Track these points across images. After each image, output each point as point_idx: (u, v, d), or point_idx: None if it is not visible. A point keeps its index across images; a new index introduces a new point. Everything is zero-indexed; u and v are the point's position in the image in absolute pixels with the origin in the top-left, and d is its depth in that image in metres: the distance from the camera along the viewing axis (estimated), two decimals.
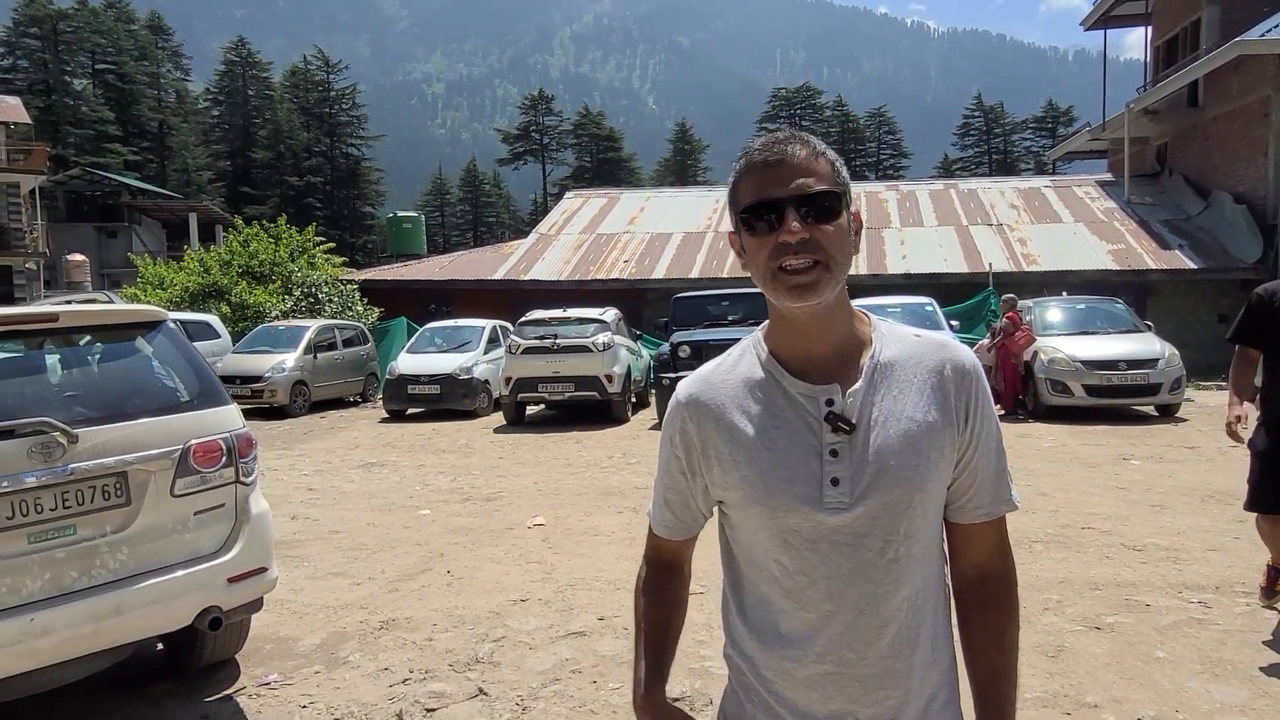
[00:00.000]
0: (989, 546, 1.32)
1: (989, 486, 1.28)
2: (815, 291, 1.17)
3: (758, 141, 1.25)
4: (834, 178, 1.21)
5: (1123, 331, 12.27)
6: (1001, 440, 1.30)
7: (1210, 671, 3.63)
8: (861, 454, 1.20)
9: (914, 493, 1.21)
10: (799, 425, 1.22)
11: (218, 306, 17.25)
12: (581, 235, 22.92)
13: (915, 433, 1.21)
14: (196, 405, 3.72)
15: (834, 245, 1.18)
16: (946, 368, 1.25)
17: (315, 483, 8.79)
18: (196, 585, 3.51)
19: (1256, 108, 18.66)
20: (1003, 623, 1.31)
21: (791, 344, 1.26)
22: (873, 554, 1.20)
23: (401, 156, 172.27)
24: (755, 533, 1.25)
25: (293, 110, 57.64)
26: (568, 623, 4.53)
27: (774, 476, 1.21)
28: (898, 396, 1.23)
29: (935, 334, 1.31)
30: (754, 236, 1.21)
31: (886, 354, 1.25)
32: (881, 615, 1.21)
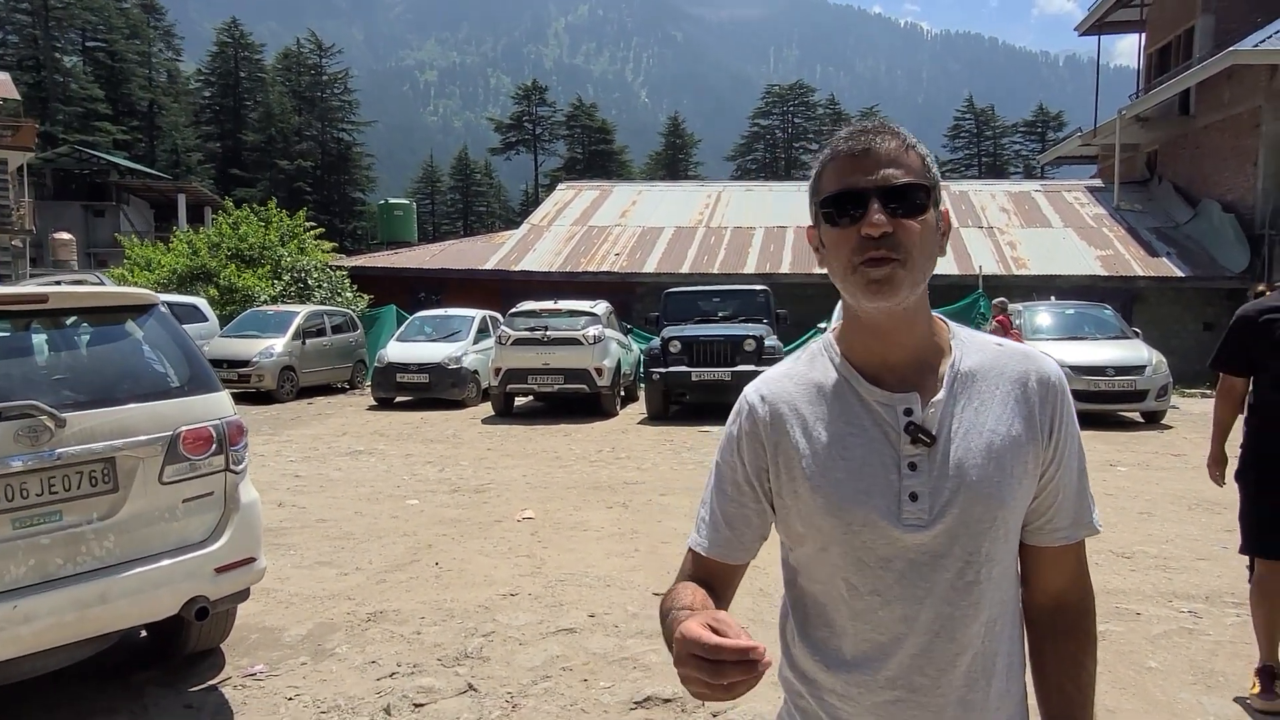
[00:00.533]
0: (1067, 572, 1.25)
1: (1070, 508, 1.21)
2: (894, 290, 1.10)
3: (844, 130, 1.17)
4: (924, 172, 1.14)
5: (1111, 338, 12.33)
6: (1084, 460, 1.24)
7: (1203, 683, 3.64)
8: (942, 468, 1.13)
9: (997, 510, 1.13)
10: (876, 434, 1.15)
11: (205, 289, 17.10)
12: (573, 227, 22.84)
13: (999, 446, 1.14)
14: (187, 391, 3.66)
15: (917, 243, 1.11)
16: (1031, 379, 1.18)
17: (302, 470, 8.72)
18: (183, 574, 3.45)
19: (1247, 118, 18.78)
20: (1080, 655, 1.24)
21: (867, 347, 1.18)
22: (951, 575, 1.13)
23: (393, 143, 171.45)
24: (825, 549, 1.17)
25: (284, 93, 57.17)
26: (558, 619, 4.49)
27: (850, 488, 1.14)
28: (979, 408, 1.16)
29: (1018, 344, 1.24)
30: (834, 229, 1.13)
31: (968, 363, 1.18)
32: (958, 641, 1.14)
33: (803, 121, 67.13)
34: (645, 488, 7.76)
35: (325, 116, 58.08)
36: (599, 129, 62.52)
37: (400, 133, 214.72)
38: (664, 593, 1.23)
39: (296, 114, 56.73)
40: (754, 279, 17.81)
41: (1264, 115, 18.08)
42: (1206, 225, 19.62)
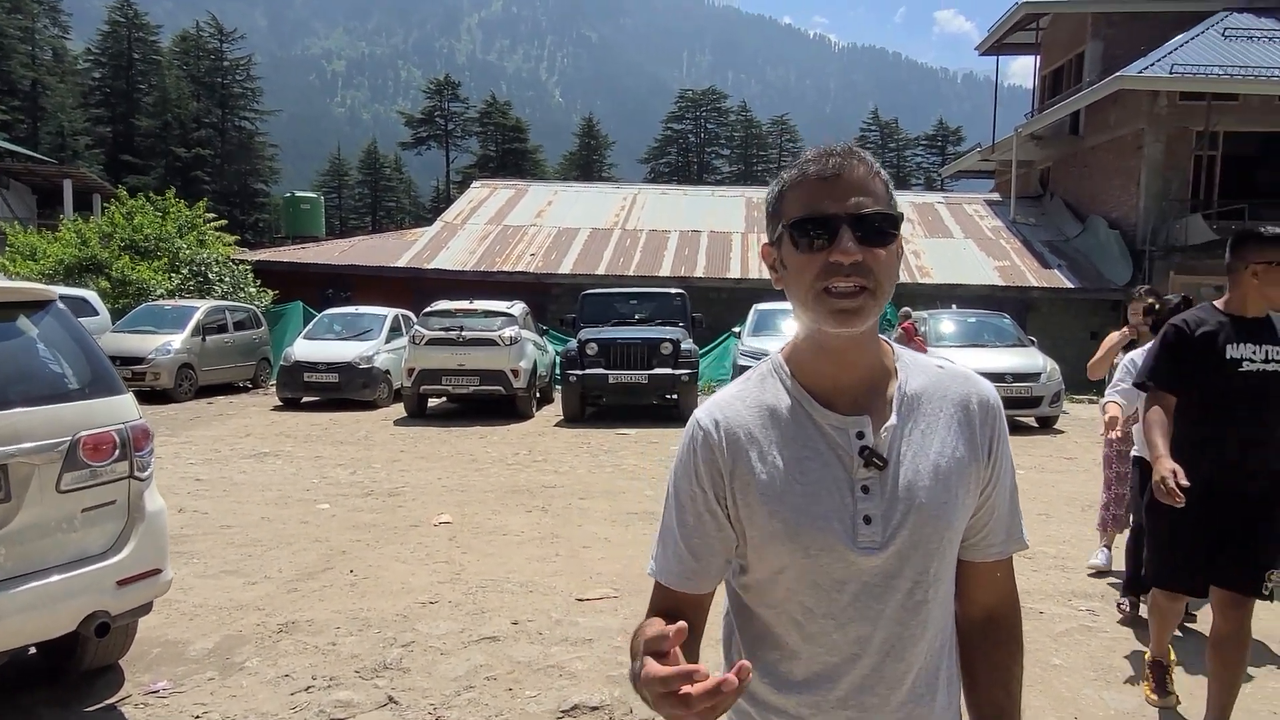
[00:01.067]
0: (999, 586, 1.28)
1: (1004, 524, 1.25)
2: (861, 318, 1.10)
3: (811, 152, 1.16)
4: (889, 199, 1.14)
5: (1009, 345, 12.90)
6: (1015, 477, 1.27)
7: (1103, 679, 3.83)
8: (892, 491, 1.14)
9: (944, 531, 1.16)
10: (830, 458, 1.15)
11: (96, 282, 16.17)
12: (488, 226, 22.55)
13: (945, 468, 1.16)
14: (87, 394, 3.45)
15: (884, 271, 1.11)
16: (972, 401, 1.21)
17: (203, 473, 8.35)
18: (82, 588, 3.26)
19: (1131, 140, 19.93)
20: (1010, 664, 1.28)
21: (820, 370, 1.18)
22: (902, 595, 1.15)
23: (298, 133, 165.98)
24: (780, 572, 1.16)
25: (182, 78, 54.54)
26: (480, 627, 4.42)
27: (808, 513, 1.13)
28: (926, 431, 1.18)
29: (958, 366, 1.26)
30: (800, 253, 1.12)
31: (913, 385, 1.20)
32: (907, 660, 1.16)
33: (715, 127, 67.97)
34: (564, 491, 7.72)
35: (226, 104, 55.71)
36: (513, 127, 61.88)
37: (305, 123, 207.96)
38: (634, 630, 1.19)
39: (195, 100, 54.19)
40: (669, 282, 17.93)
41: (1146, 138, 19.22)
42: (1094, 240, 20.73)
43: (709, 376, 15.80)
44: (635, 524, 6.58)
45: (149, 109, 52.42)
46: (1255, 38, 19.44)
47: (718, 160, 67.87)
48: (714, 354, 16.91)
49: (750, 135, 67.26)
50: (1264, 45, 19.16)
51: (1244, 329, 3.05)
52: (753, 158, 66.98)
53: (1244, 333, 3.05)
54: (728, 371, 15.09)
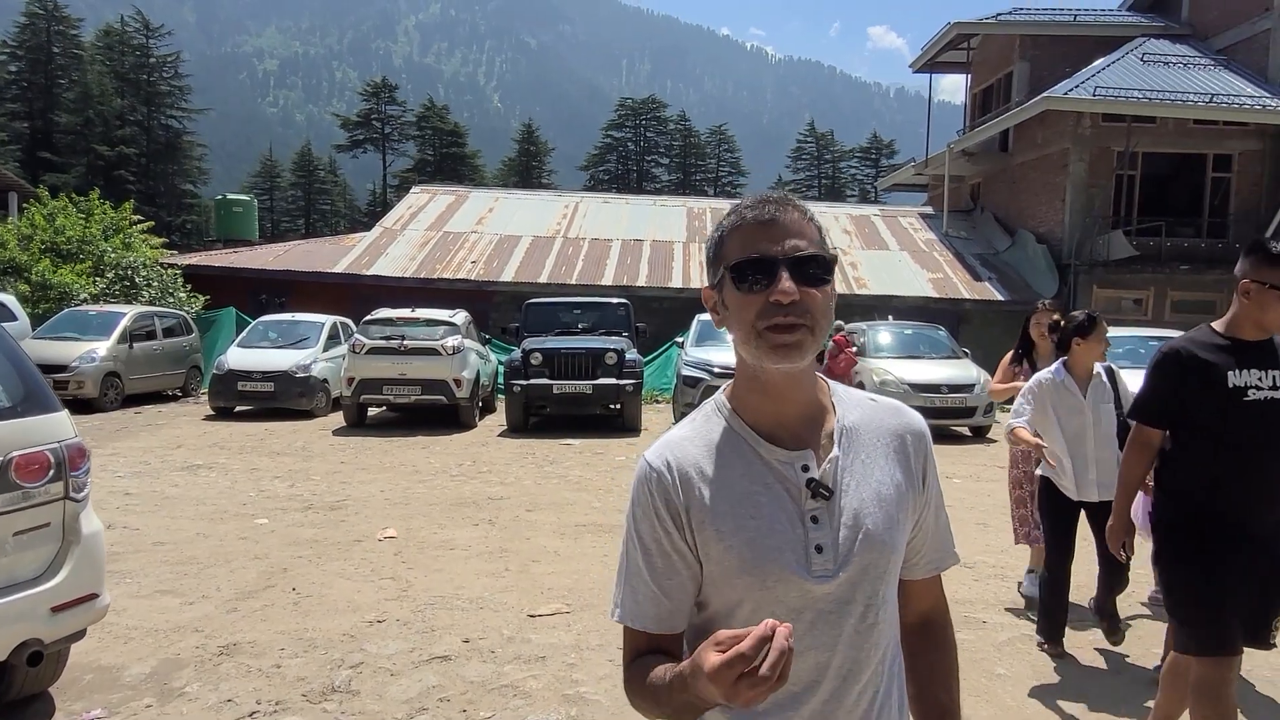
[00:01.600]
0: (932, 598, 1.38)
1: (935, 543, 1.34)
2: (800, 353, 1.16)
3: (748, 199, 1.23)
4: (822, 243, 1.22)
5: (944, 357, 13.23)
6: (943, 499, 1.37)
7: (1047, 688, 3.95)
8: (840, 519, 1.20)
9: (890, 555, 1.23)
10: (779, 491, 1.21)
11: (15, 285, 15.47)
12: (428, 232, 22.26)
13: (886, 495, 1.24)
14: (19, 412, 3.30)
15: (820, 310, 1.17)
16: (906, 433, 1.29)
17: (132, 486, 8.05)
18: (14, 616, 3.11)
19: (1057, 158, 20.67)
20: (947, 663, 1.37)
21: (760, 407, 1.24)
22: (855, 619, 1.20)
23: (227, 134, 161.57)
24: (738, 604, 1.20)
25: (105, 73, 52.57)
26: (430, 646, 4.35)
27: (763, 545, 1.18)
28: (866, 461, 1.25)
29: (887, 399, 1.34)
30: (741, 293, 1.18)
31: (850, 419, 1.27)
32: (862, 680, 1.21)
33: (655, 136, 68.22)
34: (511, 503, 7.65)
35: (152, 101, 53.85)
36: (451, 131, 61.18)
37: (236, 123, 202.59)
38: (632, 679, 1.21)
39: (119, 96, 52.28)
40: (612, 291, 17.94)
41: (1071, 156, 19.95)
42: (1022, 254, 21.42)
43: (652, 386, 15.84)
44: (584, 536, 6.55)
45: (70, 105, 50.39)
46: (1171, 63, 20.36)
47: (657, 169, 68.12)
48: (657, 363, 16.96)
49: (689, 145, 67.70)
50: (1179, 70, 20.07)
51: (1246, 353, 2.75)
52: (692, 167, 67.44)
53: (1247, 358, 2.75)
54: (670, 381, 15.15)
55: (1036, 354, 5.26)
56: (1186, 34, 22.06)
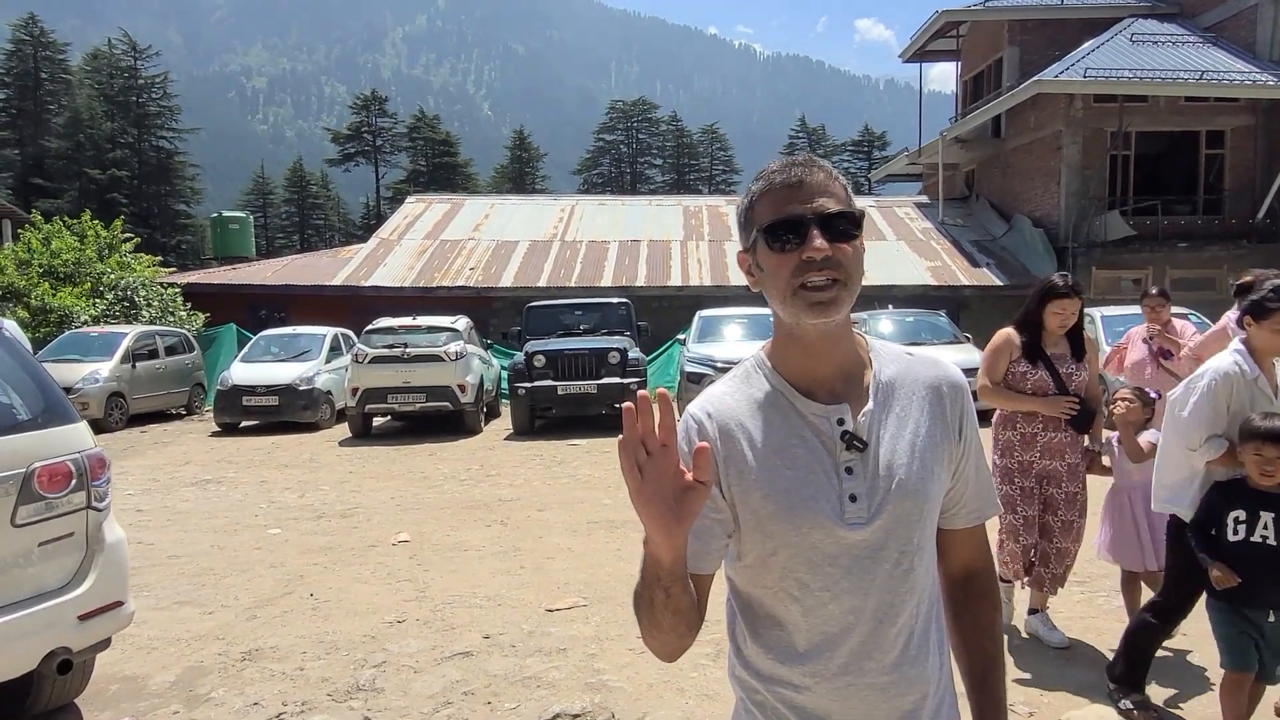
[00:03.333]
0: (975, 546, 1.40)
1: (977, 493, 1.37)
2: (835, 308, 1.21)
3: (775, 164, 1.27)
4: (849, 200, 1.26)
5: (946, 343, 13.24)
6: (983, 450, 1.39)
7: (1063, 656, 3.98)
8: (874, 470, 1.24)
9: (923, 504, 1.26)
10: (815, 444, 1.25)
11: (15, 310, 15.51)
12: (425, 241, 22.30)
13: (921, 446, 1.27)
14: (40, 424, 3.34)
15: (852, 264, 1.22)
16: (943, 385, 1.32)
17: (144, 503, 8.08)
18: (43, 625, 3.14)
19: (1050, 141, 20.71)
20: (991, 613, 1.40)
21: (798, 363, 1.29)
22: (889, 565, 1.24)
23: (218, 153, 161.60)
24: (774, 552, 1.25)
25: (94, 97, 52.64)
26: (451, 643, 4.37)
27: (799, 494, 1.23)
28: (901, 414, 1.28)
29: (926, 352, 1.38)
30: (775, 254, 1.23)
31: (887, 373, 1.30)
32: (898, 624, 1.25)
33: (647, 137, 68.32)
34: (521, 504, 7.68)
35: (141, 123, 53.89)
36: (442, 141, 61.25)
37: (227, 141, 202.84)
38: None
39: (108, 119, 52.33)
40: (611, 291, 17.98)
41: (1064, 139, 19.99)
42: (1019, 238, 21.46)
43: (655, 384, 15.85)
44: (597, 533, 6.58)
45: (59, 130, 50.45)
46: (1160, 42, 20.41)
47: (651, 170, 68.21)
48: (659, 362, 16.99)
49: (682, 145, 67.79)
50: (1168, 49, 20.12)
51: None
52: (685, 167, 67.51)
53: None
54: (674, 378, 15.17)
55: (1045, 339, 4.03)
56: (1174, 13, 22.12)
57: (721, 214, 24.43)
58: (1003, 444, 4.10)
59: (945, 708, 1.32)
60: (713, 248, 21.82)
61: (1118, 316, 12.63)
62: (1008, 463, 4.06)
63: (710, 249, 21.76)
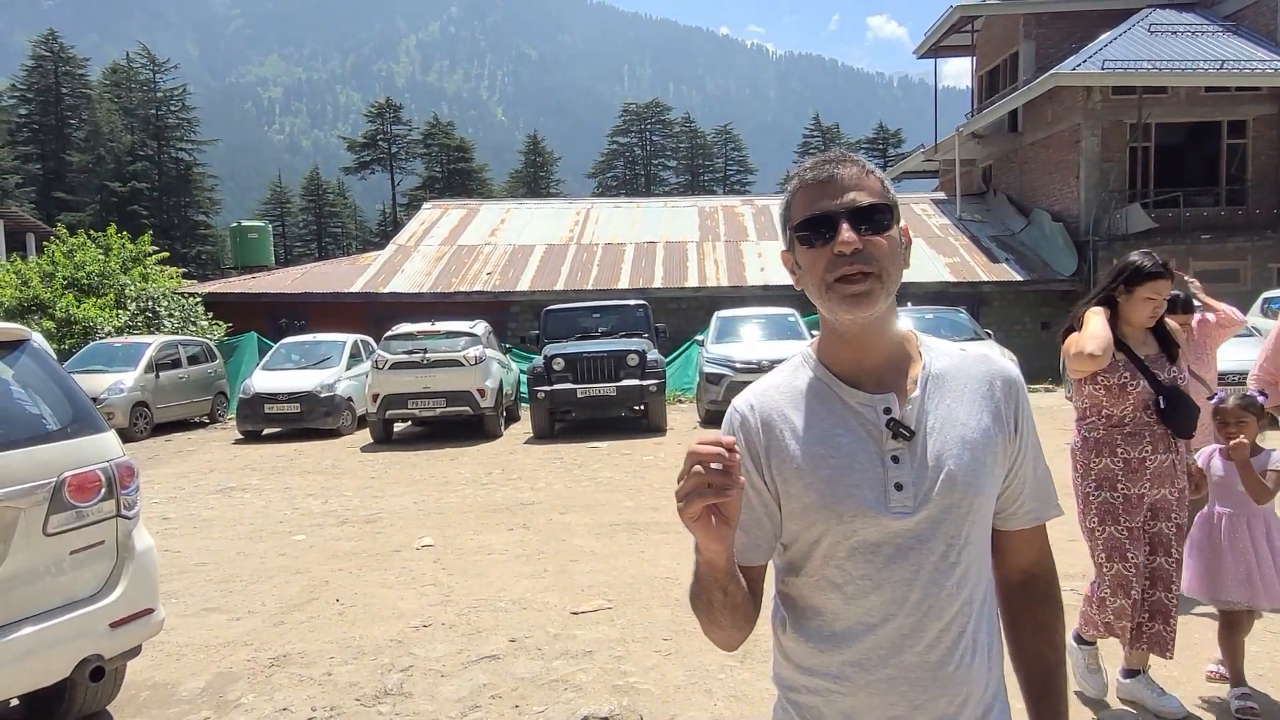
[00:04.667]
0: (1035, 549, 1.36)
1: (1034, 493, 1.33)
2: (869, 302, 1.21)
3: (808, 161, 1.28)
4: (884, 193, 1.25)
5: (967, 339, 13.13)
6: (1041, 449, 1.35)
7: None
8: (922, 459, 1.23)
9: (974, 497, 1.24)
10: (861, 432, 1.24)
11: (40, 322, 15.71)
12: (442, 247, 22.40)
13: (972, 439, 1.25)
14: (70, 433, 3.37)
15: (886, 257, 1.22)
16: (996, 379, 1.30)
17: (170, 511, 8.15)
18: (75, 633, 3.17)
19: (1068, 134, 20.53)
20: (1052, 619, 1.35)
21: (843, 356, 1.28)
22: (935, 558, 1.22)
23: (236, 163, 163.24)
24: (817, 541, 1.25)
25: (113, 111, 53.39)
26: (478, 647, 4.38)
27: (841, 482, 1.22)
28: (951, 405, 1.26)
29: (979, 348, 1.36)
30: (809, 250, 1.24)
31: (937, 366, 1.29)
32: (943, 619, 1.22)
33: (660, 139, 68.40)
34: (543, 507, 7.68)
35: (161, 135, 54.59)
36: (457, 147, 61.59)
37: (244, 152, 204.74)
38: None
39: (128, 133, 53.06)
40: (628, 293, 17.98)
41: (1083, 132, 19.81)
42: (1038, 233, 21.28)
43: (674, 386, 15.85)
44: (619, 535, 6.57)
45: (80, 144, 51.18)
46: (1179, 32, 20.19)
47: (665, 172, 68.26)
48: (678, 363, 16.98)
49: (695, 146, 67.80)
50: (1187, 39, 19.90)
51: None
52: (699, 168, 67.50)
53: None
54: (692, 379, 15.16)
55: (1129, 337, 3.36)
56: (1193, 2, 21.88)
57: (737, 214, 24.39)
58: (1099, 475, 3.35)
59: (995, 715, 1.28)
60: (729, 248, 21.79)
61: None
62: (1109, 498, 3.32)
63: (726, 249, 21.73)
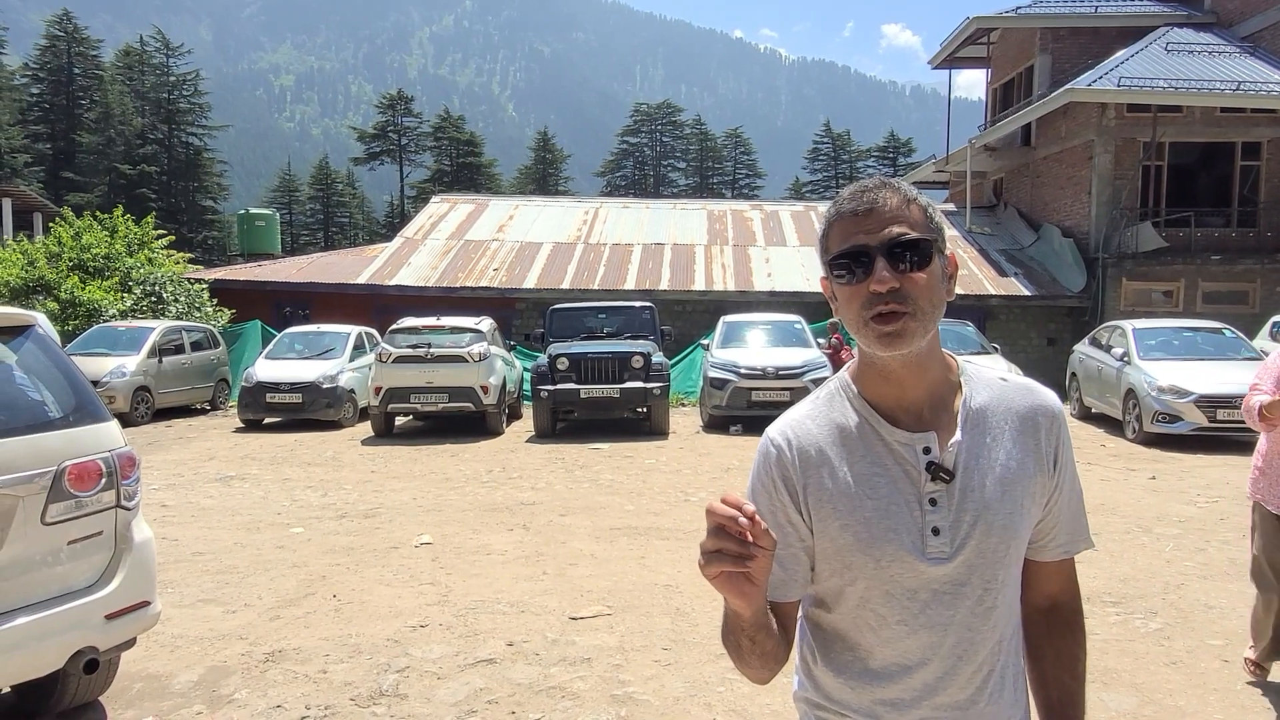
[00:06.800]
0: (1062, 580, 1.35)
1: (1068, 527, 1.31)
2: (905, 341, 1.17)
3: (848, 189, 1.23)
4: (926, 224, 1.20)
5: (973, 353, 13.08)
6: (1079, 480, 1.33)
7: (1099, 680, 3.87)
8: (960, 503, 1.20)
9: (1010, 540, 1.21)
10: (898, 473, 1.21)
11: (44, 303, 15.68)
12: (449, 241, 22.35)
13: (1010, 480, 1.22)
14: (71, 422, 3.34)
15: (924, 295, 1.17)
16: (1038, 414, 1.27)
17: (168, 498, 8.11)
18: (70, 624, 3.13)
19: (1081, 150, 20.45)
20: (1074, 649, 1.34)
21: (883, 391, 1.24)
22: (971, 602, 1.20)
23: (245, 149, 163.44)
24: (852, 582, 1.22)
25: (125, 93, 53.33)
26: (474, 649, 4.34)
27: (879, 526, 1.20)
28: (991, 444, 1.23)
29: (1021, 379, 1.32)
30: (844, 285, 1.20)
31: (978, 400, 1.26)
32: (977, 660, 1.21)
33: (671, 140, 68.27)
34: (543, 508, 7.64)
35: (172, 119, 54.47)
36: (467, 141, 61.43)
37: (253, 139, 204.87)
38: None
39: (139, 115, 53.02)
40: (634, 295, 17.93)
41: (1096, 148, 19.73)
42: (1048, 248, 21.20)
43: (677, 389, 15.80)
44: (619, 540, 6.52)
45: (91, 125, 51.14)
46: (1195, 51, 20.11)
47: (674, 173, 68.14)
48: (682, 366, 16.92)
49: (706, 148, 67.67)
50: (1204, 59, 19.82)
51: None
52: (709, 170, 67.40)
53: None
54: (696, 384, 15.11)
55: None
56: (1210, 22, 21.79)
57: (746, 219, 24.33)
58: None
59: None
60: (737, 252, 21.72)
61: (1150, 329, 12.43)
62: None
63: (734, 253, 21.67)
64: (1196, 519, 7.06)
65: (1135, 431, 11.15)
